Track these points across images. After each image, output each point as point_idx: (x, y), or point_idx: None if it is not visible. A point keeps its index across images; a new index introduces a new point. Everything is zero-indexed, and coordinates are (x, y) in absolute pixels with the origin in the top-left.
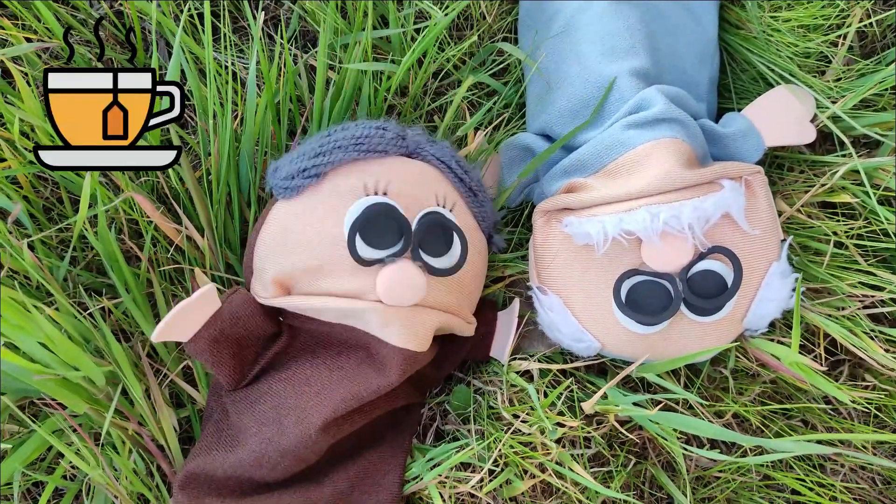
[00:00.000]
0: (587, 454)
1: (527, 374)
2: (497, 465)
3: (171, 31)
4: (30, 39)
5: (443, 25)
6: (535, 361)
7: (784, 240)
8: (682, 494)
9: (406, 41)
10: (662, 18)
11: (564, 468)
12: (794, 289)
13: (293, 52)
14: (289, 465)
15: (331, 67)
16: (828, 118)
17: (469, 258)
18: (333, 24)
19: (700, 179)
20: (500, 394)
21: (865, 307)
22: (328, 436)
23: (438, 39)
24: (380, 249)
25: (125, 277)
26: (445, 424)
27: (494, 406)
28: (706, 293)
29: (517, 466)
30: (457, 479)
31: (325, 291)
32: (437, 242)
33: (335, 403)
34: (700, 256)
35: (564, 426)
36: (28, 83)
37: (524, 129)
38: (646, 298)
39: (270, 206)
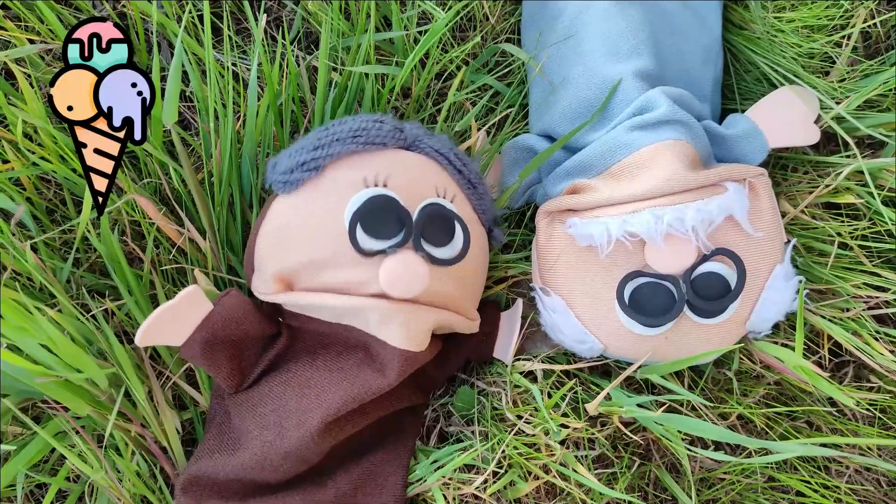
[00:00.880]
0: (591, 455)
1: (530, 375)
2: (501, 467)
3: (174, 33)
4: (32, 41)
5: (446, 20)
6: (539, 362)
7: (787, 242)
8: (687, 496)
9: (409, 43)
10: (666, 19)
11: (568, 469)
12: (798, 291)
13: (296, 54)
14: (291, 468)
15: (334, 69)
16: (832, 119)
17: (471, 250)
18: (336, 26)
19: (704, 182)
20: (504, 395)
21: (870, 308)
22: (329, 437)
23: (442, 41)
24: (381, 240)
25: (127, 280)
26: (449, 426)
27: (498, 407)
28: (709, 295)
29: (521, 468)
30: (460, 481)
31: (327, 285)
32: (439, 232)
33: (336, 405)
34: (703, 258)
35: (568, 427)
36: (31, 85)
37: (527, 131)
38: (649, 300)
39: (270, 202)
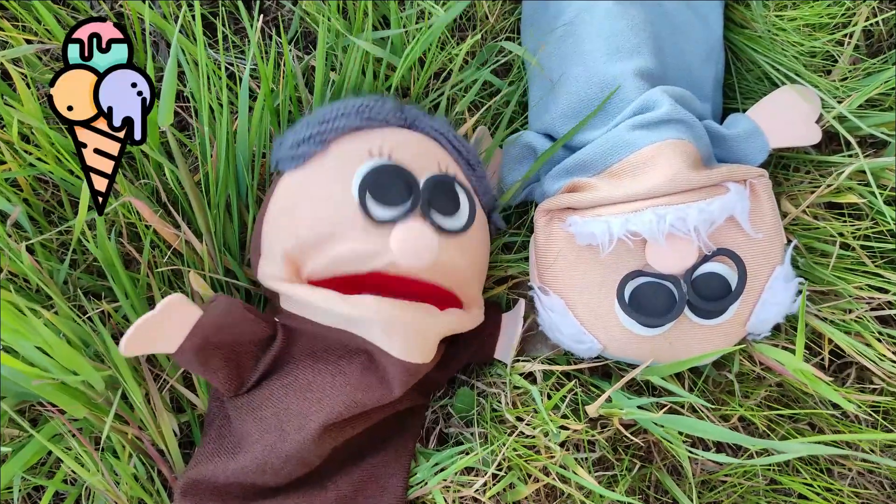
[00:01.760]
0: (591, 458)
1: (530, 377)
2: (500, 469)
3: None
4: (30, 41)
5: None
6: (539, 363)
7: (788, 243)
8: (688, 499)
9: (408, 42)
10: (667, 18)
11: (569, 472)
12: (798, 293)
13: (293, 54)
14: (292, 470)
15: (332, 69)
16: (833, 118)
17: (476, 221)
18: (334, 26)
19: (706, 182)
20: (504, 396)
21: (872, 309)
22: (330, 439)
23: (440, 39)
24: (391, 206)
25: (123, 283)
26: (449, 427)
27: (498, 408)
28: (710, 296)
29: (521, 470)
30: (460, 484)
31: (338, 258)
32: (447, 201)
33: (338, 410)
34: (704, 259)
35: (568, 429)
36: (28, 85)
37: (526, 128)
38: (650, 300)
39: (276, 183)
